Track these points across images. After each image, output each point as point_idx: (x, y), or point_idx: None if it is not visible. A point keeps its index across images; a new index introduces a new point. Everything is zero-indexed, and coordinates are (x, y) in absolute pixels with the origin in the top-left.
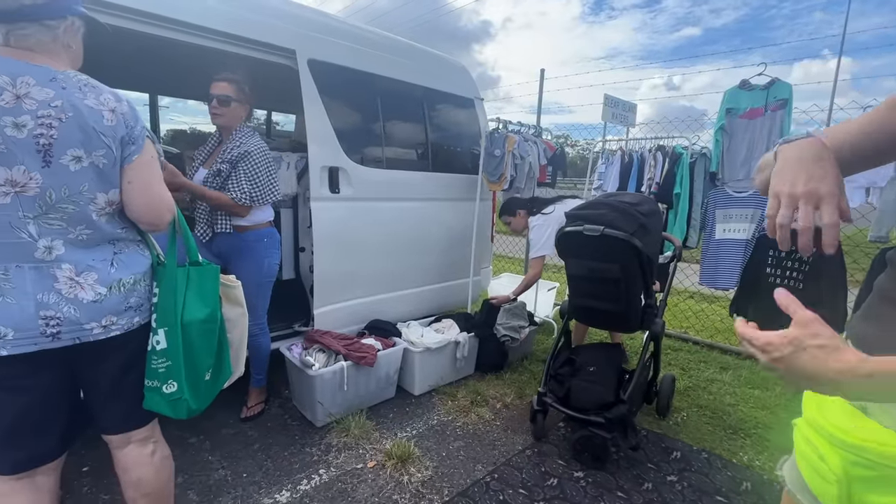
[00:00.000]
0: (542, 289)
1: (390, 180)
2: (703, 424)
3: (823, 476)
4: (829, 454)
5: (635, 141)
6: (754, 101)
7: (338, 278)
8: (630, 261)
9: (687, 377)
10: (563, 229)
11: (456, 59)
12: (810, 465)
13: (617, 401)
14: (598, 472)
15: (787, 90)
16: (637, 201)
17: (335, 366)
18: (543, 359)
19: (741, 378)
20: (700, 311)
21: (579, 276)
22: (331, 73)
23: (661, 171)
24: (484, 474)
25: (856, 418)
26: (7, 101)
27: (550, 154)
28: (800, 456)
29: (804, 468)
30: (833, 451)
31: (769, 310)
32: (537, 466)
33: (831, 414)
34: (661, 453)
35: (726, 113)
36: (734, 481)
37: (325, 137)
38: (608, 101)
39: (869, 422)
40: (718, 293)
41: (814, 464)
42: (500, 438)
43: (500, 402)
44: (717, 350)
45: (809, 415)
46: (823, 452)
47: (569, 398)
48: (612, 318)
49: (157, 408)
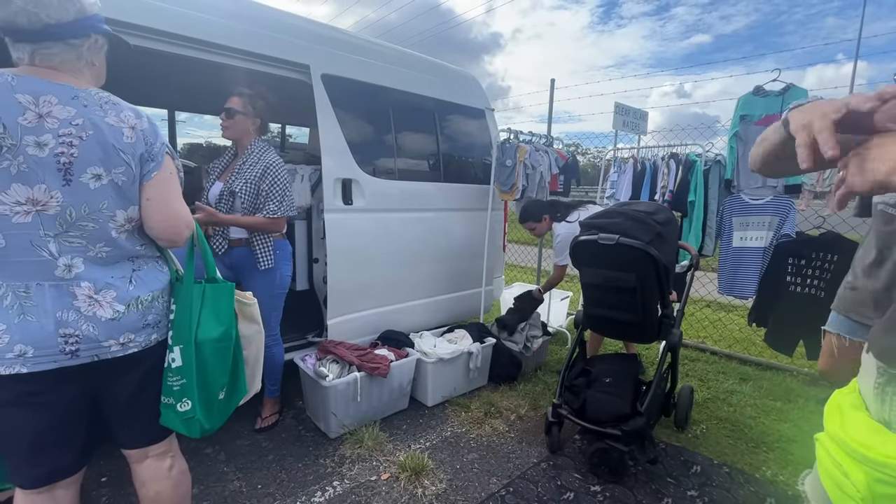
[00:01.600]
0: (556, 298)
1: (402, 191)
2: (723, 437)
3: (848, 493)
4: (853, 470)
5: (648, 149)
6: (769, 107)
7: (351, 289)
8: (646, 270)
9: (706, 388)
10: (577, 238)
11: (466, 71)
12: (834, 481)
13: (634, 413)
14: (616, 487)
15: (803, 96)
16: (652, 210)
17: (349, 377)
18: (557, 369)
19: (762, 389)
20: (718, 321)
21: (594, 286)
22: (344, 87)
23: (675, 179)
24: (499, 488)
25: (879, 434)
26: (30, 120)
27: (562, 163)
28: (823, 471)
29: (828, 484)
30: (857, 468)
31: (790, 318)
32: (553, 480)
33: (853, 429)
34: (681, 467)
35: (740, 120)
36: (757, 497)
37: (339, 150)
38: (619, 109)
39: (893, 437)
40: (736, 302)
41: (837, 480)
42: (515, 451)
43: (514, 413)
44: (735, 360)
45: (832, 429)
46: (847, 469)
47: (584, 410)
48: (628, 329)
49: (173, 425)
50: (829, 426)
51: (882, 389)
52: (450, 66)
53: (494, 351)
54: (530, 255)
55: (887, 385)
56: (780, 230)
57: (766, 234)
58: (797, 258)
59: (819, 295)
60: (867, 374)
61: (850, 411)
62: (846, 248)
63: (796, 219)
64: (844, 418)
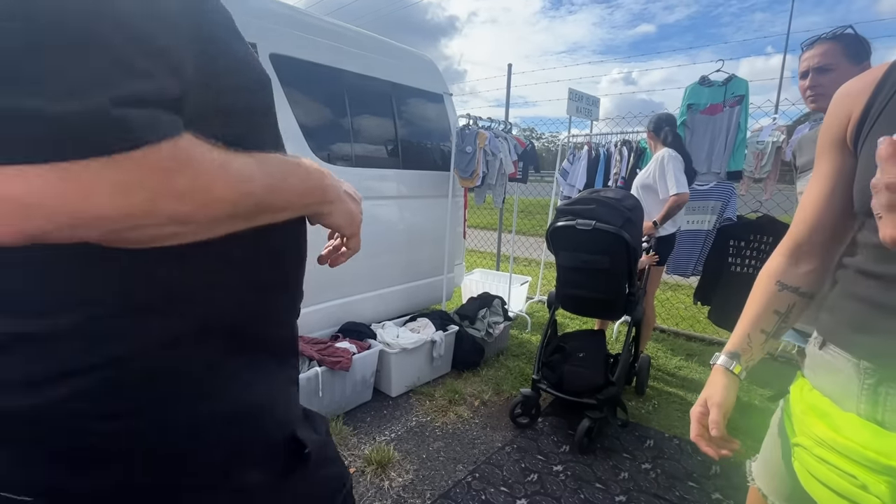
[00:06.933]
0: (515, 283)
1: (360, 178)
2: (673, 412)
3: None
4: (874, 483)
5: (602, 136)
6: (714, 97)
7: (309, 280)
8: (618, 252)
9: (656, 366)
10: (555, 224)
11: (424, 54)
12: (841, 492)
13: (607, 383)
14: (577, 465)
15: (743, 86)
16: (621, 196)
17: (309, 372)
18: (518, 353)
19: (706, 364)
20: (666, 300)
21: (570, 268)
22: (295, 68)
23: (627, 166)
24: (465, 474)
25: (883, 436)
26: None
27: (521, 150)
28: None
29: (823, 495)
30: (878, 480)
31: (731, 296)
32: (517, 463)
33: (854, 433)
34: (636, 442)
35: (687, 108)
36: (704, 466)
37: (292, 134)
38: (572, 95)
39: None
40: (682, 282)
41: (848, 492)
42: (480, 437)
43: (477, 399)
44: (682, 337)
45: (820, 434)
46: (865, 482)
47: (562, 383)
48: (599, 306)
49: None
50: (814, 429)
51: (874, 390)
52: (408, 48)
53: (457, 338)
54: (490, 240)
55: (879, 385)
56: (723, 214)
57: (710, 217)
58: (737, 240)
59: (756, 274)
60: (839, 374)
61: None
62: (779, 229)
63: (737, 203)
64: (833, 422)
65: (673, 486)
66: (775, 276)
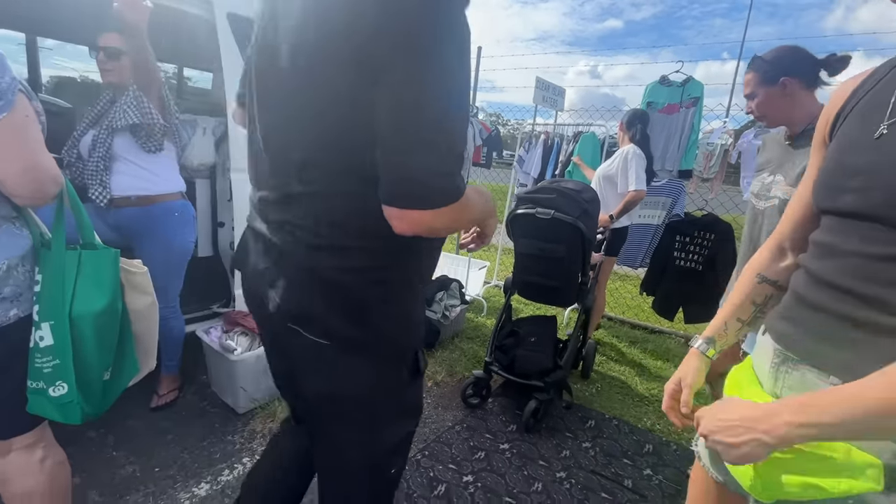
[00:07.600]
0: (474, 268)
1: None
2: (614, 394)
3: None
4: None
5: (563, 126)
6: (672, 97)
7: None
8: (574, 242)
9: (601, 351)
10: (515, 211)
11: None
12: None
13: (555, 367)
14: (523, 443)
15: (699, 89)
16: (580, 188)
17: (259, 349)
18: (473, 336)
19: (647, 350)
20: (615, 290)
21: (528, 255)
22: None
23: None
24: (415, 452)
25: None
26: None
27: (486, 135)
28: None
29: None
30: None
31: (674, 288)
32: (466, 441)
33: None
34: (578, 422)
35: (647, 106)
36: (638, 444)
37: None
38: (539, 83)
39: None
40: (631, 272)
41: None
42: (432, 416)
43: (430, 379)
44: (627, 325)
45: None
46: None
47: (513, 366)
48: (552, 293)
49: (45, 412)
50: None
51: (777, 368)
52: None
53: None
54: None
55: (781, 365)
56: (672, 210)
57: (660, 212)
58: (683, 235)
59: (698, 269)
60: (763, 354)
61: (748, 387)
62: (722, 227)
63: (685, 200)
64: (742, 394)
65: (609, 464)
66: (757, 269)
